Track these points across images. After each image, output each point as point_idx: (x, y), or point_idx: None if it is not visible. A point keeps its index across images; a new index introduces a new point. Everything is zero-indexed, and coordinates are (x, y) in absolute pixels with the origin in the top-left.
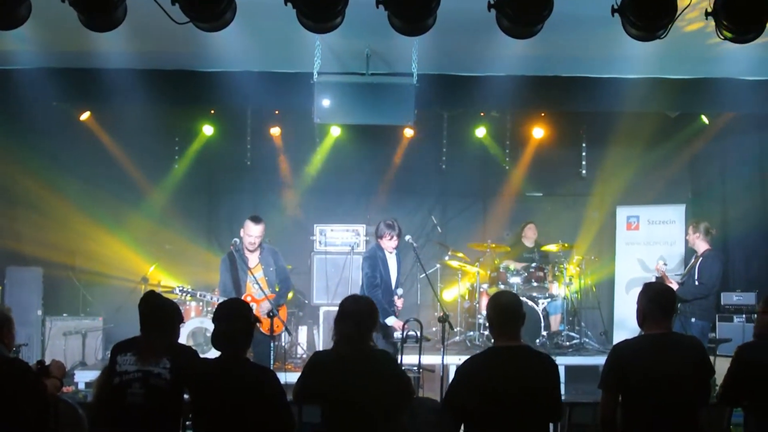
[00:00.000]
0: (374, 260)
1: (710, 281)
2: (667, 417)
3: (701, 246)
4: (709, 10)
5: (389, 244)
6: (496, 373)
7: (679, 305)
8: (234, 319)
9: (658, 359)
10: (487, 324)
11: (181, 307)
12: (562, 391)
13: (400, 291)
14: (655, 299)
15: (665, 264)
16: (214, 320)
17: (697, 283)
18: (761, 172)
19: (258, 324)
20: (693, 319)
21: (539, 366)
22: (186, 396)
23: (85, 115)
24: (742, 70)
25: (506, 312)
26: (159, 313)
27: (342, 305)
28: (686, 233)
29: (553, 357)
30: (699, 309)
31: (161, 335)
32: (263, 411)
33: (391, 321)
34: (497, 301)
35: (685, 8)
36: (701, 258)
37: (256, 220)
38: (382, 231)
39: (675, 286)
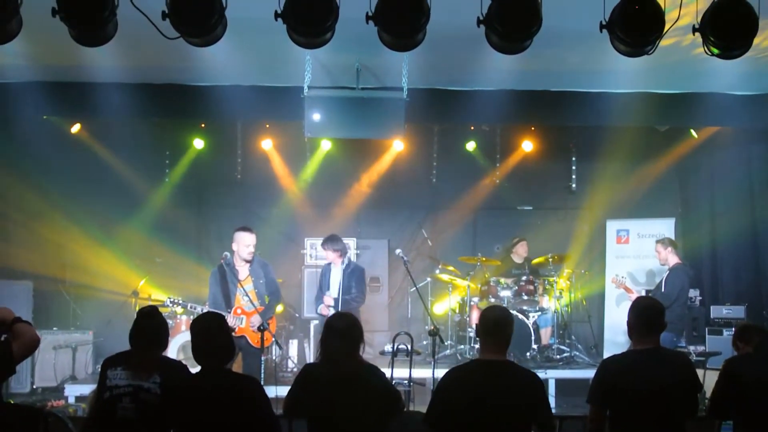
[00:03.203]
0: (322, 270)
1: (672, 291)
2: (655, 431)
3: (672, 260)
4: (697, 26)
5: (328, 257)
6: (476, 387)
7: None
8: (214, 333)
9: (646, 374)
10: (477, 338)
11: (171, 321)
12: (552, 404)
13: (329, 294)
14: (642, 314)
15: (623, 277)
16: (192, 336)
17: (662, 293)
18: (750, 185)
19: (245, 336)
20: None
21: (522, 382)
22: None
23: (75, 128)
24: (729, 85)
25: (493, 326)
26: (157, 328)
27: (328, 322)
28: (656, 253)
29: (544, 370)
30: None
31: (156, 350)
32: (249, 419)
33: (319, 310)
34: (486, 316)
35: (673, 24)
36: (669, 271)
37: (247, 229)
38: None
39: (635, 296)
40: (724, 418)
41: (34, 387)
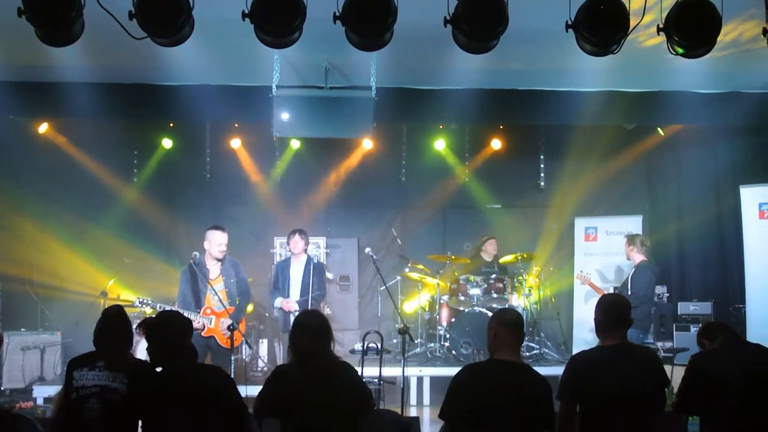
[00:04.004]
0: (278, 265)
1: (641, 290)
2: (624, 427)
3: (637, 257)
4: (661, 26)
5: (291, 247)
6: (493, 385)
7: None
8: (182, 335)
9: (614, 370)
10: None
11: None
12: None
13: (289, 300)
14: (608, 311)
15: (588, 273)
16: (156, 339)
17: (629, 292)
18: (715, 182)
19: (215, 336)
20: None
21: (534, 382)
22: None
23: (43, 128)
24: (695, 84)
25: (512, 328)
26: (125, 326)
27: (298, 320)
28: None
29: None
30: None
31: (126, 348)
32: (218, 409)
33: (277, 302)
34: (504, 318)
35: (637, 24)
36: (634, 268)
37: (220, 228)
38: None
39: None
40: (690, 414)
41: (2, 388)
